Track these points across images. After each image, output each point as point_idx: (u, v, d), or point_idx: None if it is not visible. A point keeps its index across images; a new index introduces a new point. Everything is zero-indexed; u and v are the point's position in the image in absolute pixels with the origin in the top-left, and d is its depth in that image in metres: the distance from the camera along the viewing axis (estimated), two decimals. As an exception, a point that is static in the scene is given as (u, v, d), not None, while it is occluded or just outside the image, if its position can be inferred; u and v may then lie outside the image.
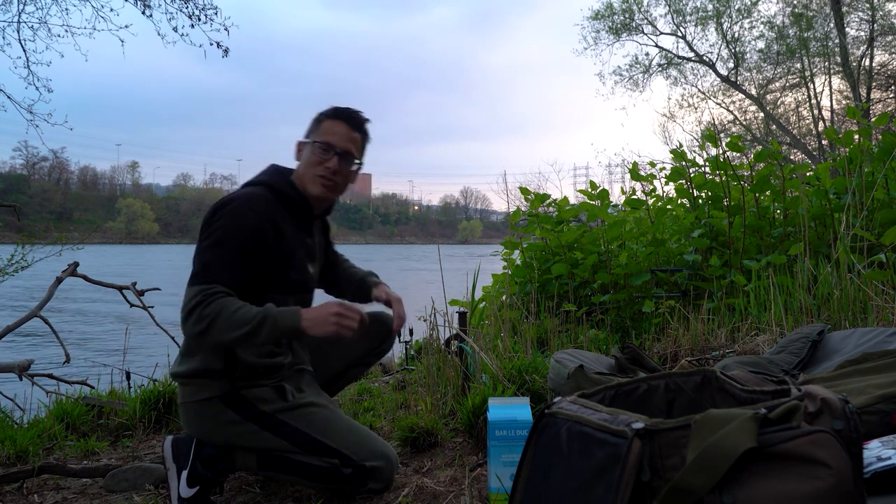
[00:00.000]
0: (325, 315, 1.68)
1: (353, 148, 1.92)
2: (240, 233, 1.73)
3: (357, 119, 1.94)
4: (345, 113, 1.93)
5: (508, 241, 4.74)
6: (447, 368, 2.69)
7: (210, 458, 1.79)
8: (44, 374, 3.70)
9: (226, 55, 8.97)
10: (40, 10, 9.31)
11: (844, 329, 2.50)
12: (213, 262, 1.70)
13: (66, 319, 12.57)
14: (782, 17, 20.06)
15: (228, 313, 1.64)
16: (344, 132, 1.90)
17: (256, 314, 1.65)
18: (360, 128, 1.94)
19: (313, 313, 1.69)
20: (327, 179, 1.88)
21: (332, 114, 1.92)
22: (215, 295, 1.66)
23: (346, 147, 1.89)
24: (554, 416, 1.03)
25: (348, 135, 1.90)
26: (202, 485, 1.77)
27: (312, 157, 1.88)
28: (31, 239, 6.23)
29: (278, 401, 1.82)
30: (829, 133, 4.98)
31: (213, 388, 1.79)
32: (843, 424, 0.88)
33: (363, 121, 1.96)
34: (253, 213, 1.76)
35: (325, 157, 1.87)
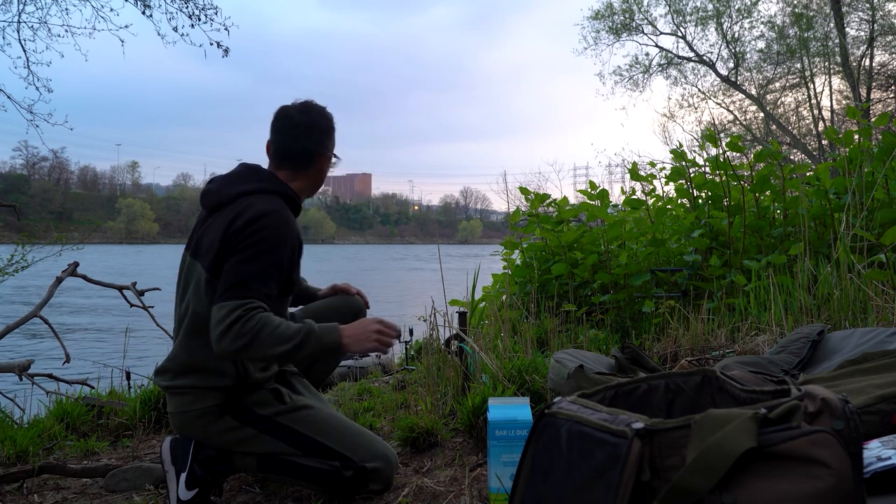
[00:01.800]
0: (366, 332, 1.70)
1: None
2: (279, 249, 1.73)
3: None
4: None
5: (508, 241, 4.74)
6: (447, 368, 2.69)
7: (209, 460, 1.79)
8: (44, 374, 3.70)
9: (226, 55, 8.97)
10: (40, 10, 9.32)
11: (844, 329, 2.50)
12: (253, 277, 1.67)
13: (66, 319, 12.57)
14: (782, 17, 20.08)
15: (270, 329, 1.63)
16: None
17: (299, 330, 1.65)
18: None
19: (353, 330, 1.71)
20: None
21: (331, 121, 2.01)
22: (256, 310, 1.64)
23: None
24: (554, 416, 1.03)
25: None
26: (201, 487, 1.76)
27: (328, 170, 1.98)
28: (31, 239, 6.23)
29: (276, 404, 1.81)
30: (829, 133, 4.98)
31: (213, 398, 1.77)
32: (843, 424, 0.88)
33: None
34: (290, 229, 1.78)
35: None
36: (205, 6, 8.83)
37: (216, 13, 8.85)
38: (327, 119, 1.95)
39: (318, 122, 1.93)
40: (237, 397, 1.79)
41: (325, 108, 1.96)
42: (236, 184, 1.85)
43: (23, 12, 8.79)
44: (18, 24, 8.80)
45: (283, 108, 1.92)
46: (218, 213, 1.81)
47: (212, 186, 1.88)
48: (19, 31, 8.83)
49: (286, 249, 1.75)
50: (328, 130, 1.95)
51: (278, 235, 1.73)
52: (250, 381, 1.80)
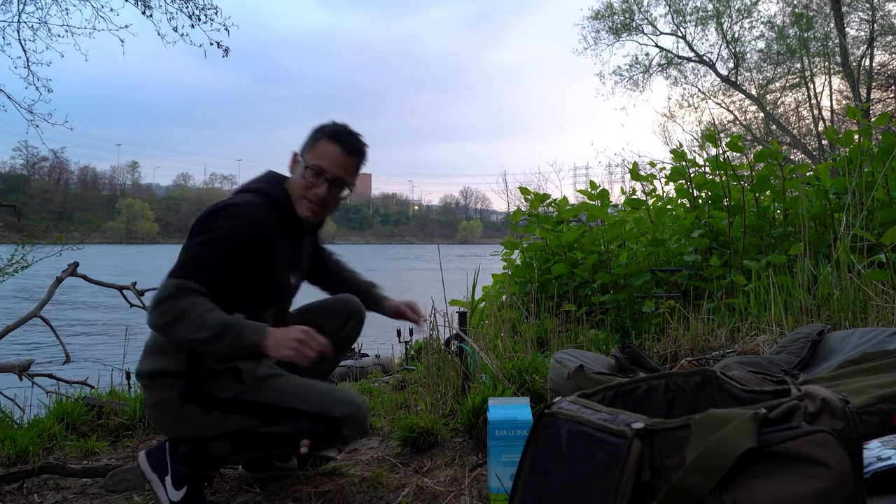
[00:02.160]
0: (287, 339, 1.64)
1: (346, 175, 1.88)
2: (229, 239, 1.71)
3: (354, 144, 1.88)
4: (342, 136, 1.87)
5: (508, 241, 4.74)
6: (447, 368, 2.69)
7: (187, 456, 1.78)
8: (44, 374, 3.70)
9: (226, 55, 8.98)
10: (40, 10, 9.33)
11: (844, 329, 2.50)
12: (195, 261, 1.68)
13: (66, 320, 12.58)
14: (782, 17, 20.09)
15: (197, 312, 1.61)
16: (338, 157, 1.85)
17: (224, 322, 1.62)
18: (356, 153, 1.89)
19: (278, 335, 1.65)
20: (314, 205, 1.86)
21: (330, 134, 1.87)
22: (189, 292, 1.63)
23: (337, 175, 1.85)
24: (554, 416, 1.03)
25: (342, 160, 1.85)
26: (189, 483, 1.76)
27: (303, 180, 1.85)
28: (31, 239, 6.24)
29: (235, 384, 1.78)
30: (829, 133, 4.98)
31: (172, 388, 1.76)
32: (843, 424, 0.88)
33: (361, 146, 1.90)
34: (248, 223, 1.75)
35: (316, 181, 1.84)
36: (205, 6, 8.84)
37: (216, 13, 8.86)
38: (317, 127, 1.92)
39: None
40: (196, 384, 1.76)
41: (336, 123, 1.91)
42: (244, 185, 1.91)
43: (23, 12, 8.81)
44: (18, 24, 8.81)
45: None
46: None
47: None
48: (19, 31, 8.84)
49: (238, 242, 1.72)
50: (311, 135, 1.90)
51: (231, 227, 1.72)
52: (205, 368, 1.76)
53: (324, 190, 1.84)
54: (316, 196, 1.84)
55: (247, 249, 1.75)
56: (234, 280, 1.74)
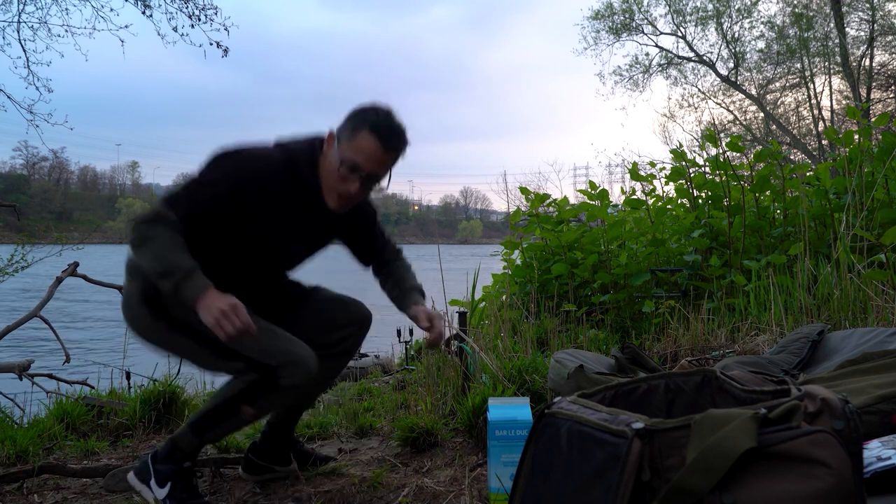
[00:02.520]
0: (214, 307, 1.58)
1: (381, 170, 1.78)
2: (226, 183, 1.70)
3: (395, 141, 1.77)
4: (383, 130, 1.74)
5: (508, 241, 4.74)
6: (447, 368, 2.69)
7: (162, 456, 1.80)
8: (44, 374, 3.70)
9: (226, 55, 8.98)
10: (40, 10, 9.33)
11: (844, 329, 2.50)
12: (186, 194, 1.69)
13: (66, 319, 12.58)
14: (782, 17, 20.09)
15: (158, 244, 1.62)
16: (376, 154, 1.73)
17: (174, 264, 1.60)
18: (396, 149, 1.78)
19: (211, 299, 1.59)
20: (344, 199, 1.79)
21: (372, 126, 1.74)
22: (163, 221, 1.64)
23: (373, 171, 1.76)
24: (554, 416, 1.03)
25: (380, 157, 1.75)
26: (171, 479, 1.77)
27: (337, 171, 1.76)
28: (31, 239, 6.24)
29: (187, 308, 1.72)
30: (829, 133, 4.98)
31: (139, 286, 1.76)
32: (843, 424, 0.88)
33: (402, 143, 1.79)
34: (252, 172, 1.72)
35: (349, 177, 1.75)
36: (205, 6, 8.85)
37: (216, 13, 8.87)
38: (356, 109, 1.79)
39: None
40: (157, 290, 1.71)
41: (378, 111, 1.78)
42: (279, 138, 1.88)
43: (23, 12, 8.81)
44: (18, 24, 8.82)
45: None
46: None
47: None
48: (19, 31, 8.85)
49: (233, 188, 1.70)
50: (350, 120, 1.77)
51: (216, 168, 1.71)
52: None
53: (356, 187, 1.76)
54: (347, 192, 1.77)
55: (242, 198, 1.72)
56: (222, 227, 1.73)
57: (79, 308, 15.18)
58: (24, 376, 3.55)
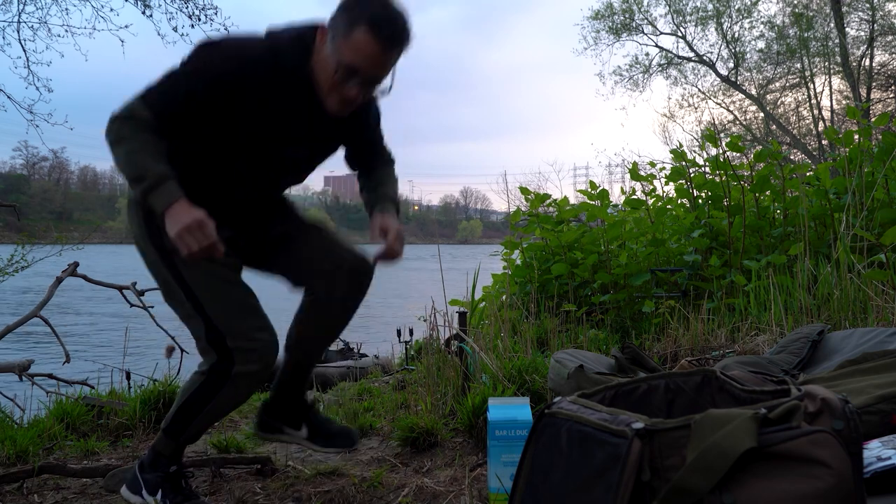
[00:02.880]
0: (180, 221, 1.45)
1: (384, 71, 1.59)
2: (204, 78, 1.55)
3: (398, 38, 1.55)
4: (385, 26, 1.52)
5: (508, 241, 4.74)
6: (447, 368, 2.69)
7: (147, 464, 1.76)
8: (44, 374, 3.71)
9: (226, 55, 8.96)
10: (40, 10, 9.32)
11: (844, 329, 2.50)
12: (160, 87, 1.55)
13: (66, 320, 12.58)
14: (782, 17, 20.08)
15: (130, 146, 1.51)
16: (376, 54, 1.52)
17: (144, 169, 1.49)
18: (398, 47, 1.57)
19: (178, 212, 1.47)
20: (343, 104, 1.62)
21: (370, 21, 1.50)
22: (136, 120, 1.52)
23: (373, 74, 1.57)
24: (554, 416, 1.03)
25: (381, 57, 1.54)
26: (161, 485, 1.73)
27: (332, 74, 1.56)
28: (31, 239, 6.25)
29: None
30: (829, 133, 4.98)
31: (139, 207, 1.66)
32: (843, 424, 0.88)
33: (405, 38, 1.57)
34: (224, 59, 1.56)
35: (347, 81, 1.56)
36: (205, 6, 8.86)
37: (216, 13, 8.88)
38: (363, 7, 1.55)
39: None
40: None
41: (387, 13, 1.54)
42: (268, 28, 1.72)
43: (23, 12, 8.82)
44: (18, 24, 8.82)
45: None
46: None
47: None
48: (19, 31, 8.85)
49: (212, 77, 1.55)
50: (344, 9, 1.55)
51: (194, 58, 1.56)
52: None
53: (356, 92, 1.58)
54: (346, 96, 1.59)
55: (223, 89, 1.56)
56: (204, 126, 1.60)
57: (79, 308, 15.18)
58: (24, 376, 3.56)
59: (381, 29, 1.51)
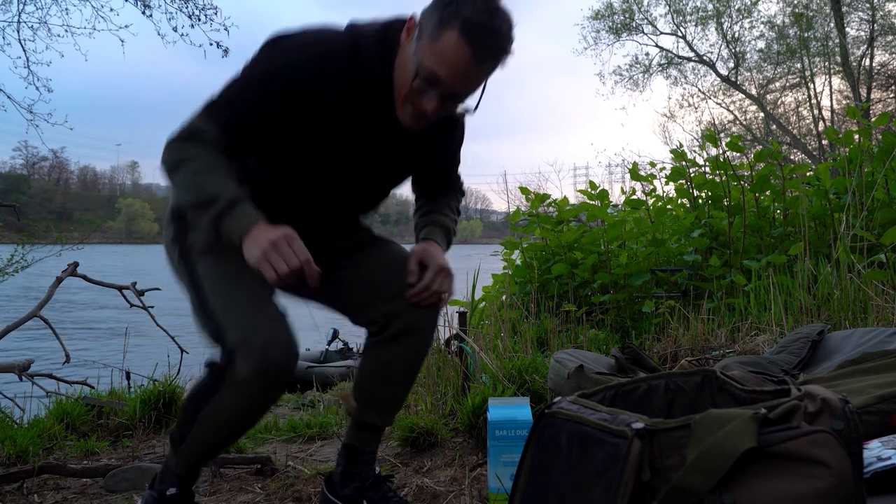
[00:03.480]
0: (261, 240, 1.25)
1: (468, 88, 1.36)
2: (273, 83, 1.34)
3: (493, 51, 1.32)
4: (480, 35, 1.27)
5: (508, 241, 4.74)
6: (447, 368, 2.69)
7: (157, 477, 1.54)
8: (44, 374, 3.70)
9: (226, 55, 8.99)
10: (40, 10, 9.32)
11: (844, 329, 2.50)
12: (223, 97, 1.36)
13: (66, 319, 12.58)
14: (782, 17, 20.09)
15: (194, 167, 1.31)
16: (464, 64, 1.29)
17: (214, 192, 1.29)
18: (492, 61, 1.34)
19: (260, 232, 1.27)
20: (416, 118, 1.41)
21: (465, 25, 1.27)
22: (199, 137, 1.33)
23: (457, 87, 1.34)
24: (554, 416, 1.03)
25: (469, 69, 1.30)
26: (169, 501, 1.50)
27: (410, 80, 1.35)
28: (31, 239, 6.25)
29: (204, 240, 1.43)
30: (829, 133, 4.98)
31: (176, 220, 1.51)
32: (843, 424, 0.88)
33: (503, 53, 1.34)
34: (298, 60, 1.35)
35: (426, 90, 1.34)
36: (205, 6, 8.87)
37: (216, 13, 8.88)
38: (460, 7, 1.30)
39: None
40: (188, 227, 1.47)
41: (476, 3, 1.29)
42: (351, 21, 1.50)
43: (23, 12, 8.82)
44: (18, 24, 8.83)
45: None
46: None
47: None
48: (19, 31, 8.86)
49: (262, 77, 1.35)
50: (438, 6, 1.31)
51: (262, 60, 1.37)
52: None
53: (433, 105, 1.35)
54: (422, 109, 1.37)
55: (297, 97, 1.36)
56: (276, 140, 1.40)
57: (79, 308, 15.18)
58: (24, 376, 3.55)
59: (476, 35, 1.27)
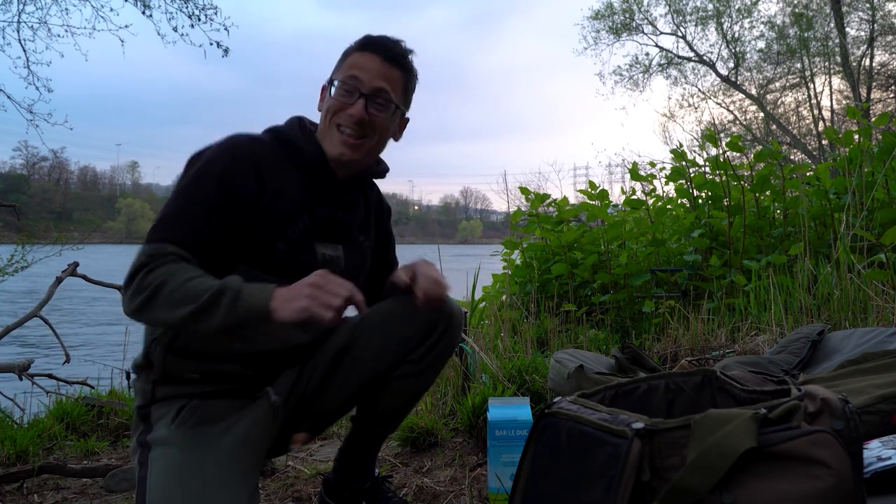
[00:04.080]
0: (297, 289, 1.18)
1: (389, 87, 1.41)
2: (209, 180, 1.30)
3: (395, 50, 1.43)
4: (378, 42, 1.42)
5: (508, 241, 4.74)
6: (447, 368, 2.69)
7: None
8: (44, 374, 3.70)
9: (226, 55, 9.00)
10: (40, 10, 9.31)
11: (844, 329, 2.50)
12: (168, 217, 1.28)
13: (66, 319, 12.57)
14: (782, 17, 20.09)
15: (176, 283, 1.20)
16: (375, 67, 1.40)
17: (213, 288, 1.19)
18: (399, 61, 1.44)
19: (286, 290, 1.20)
20: (350, 131, 1.39)
21: (362, 44, 1.43)
22: (165, 258, 1.23)
23: (376, 85, 1.39)
24: (554, 415, 1.03)
25: (381, 70, 1.40)
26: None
27: (332, 102, 1.40)
28: (31, 239, 6.24)
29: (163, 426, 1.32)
30: (829, 133, 4.98)
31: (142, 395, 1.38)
32: (843, 424, 0.88)
33: (404, 52, 1.45)
34: (230, 157, 1.33)
35: (348, 100, 1.39)
36: (205, 6, 8.86)
37: (216, 13, 8.88)
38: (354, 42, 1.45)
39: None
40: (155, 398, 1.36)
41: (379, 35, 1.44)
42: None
43: (23, 12, 8.81)
44: (18, 24, 8.82)
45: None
46: None
47: None
48: (19, 31, 8.85)
49: (219, 181, 1.30)
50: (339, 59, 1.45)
51: (210, 166, 1.31)
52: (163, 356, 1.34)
53: (359, 108, 1.38)
54: (349, 119, 1.39)
55: (232, 191, 1.31)
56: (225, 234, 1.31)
57: (79, 308, 15.18)
58: (24, 376, 3.55)
59: (375, 43, 1.42)
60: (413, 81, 1.49)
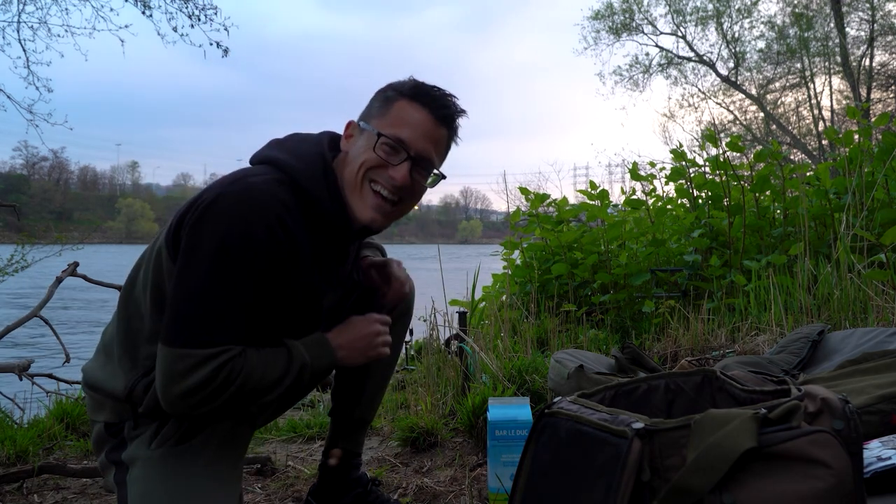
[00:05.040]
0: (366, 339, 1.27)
1: (435, 152, 1.30)
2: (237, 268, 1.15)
3: (449, 109, 1.30)
4: (431, 95, 1.27)
5: (508, 241, 4.74)
6: (447, 368, 2.69)
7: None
8: (44, 374, 3.70)
9: (226, 55, 9.00)
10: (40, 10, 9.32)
11: (844, 329, 2.50)
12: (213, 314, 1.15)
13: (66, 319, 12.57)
14: (782, 17, 20.11)
15: (259, 376, 1.19)
16: (425, 126, 1.26)
17: (288, 367, 1.22)
18: (450, 122, 1.31)
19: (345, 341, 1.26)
20: (387, 194, 1.26)
21: (413, 93, 1.27)
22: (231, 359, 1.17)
23: (424, 149, 1.26)
24: (554, 415, 1.03)
25: (431, 131, 1.27)
26: None
27: (370, 156, 1.24)
28: (31, 239, 6.24)
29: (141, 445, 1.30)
30: (829, 133, 4.98)
31: (107, 412, 1.33)
32: (843, 424, 0.88)
33: (457, 112, 1.32)
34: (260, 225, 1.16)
35: (391, 160, 1.25)
36: (205, 6, 8.87)
37: (216, 13, 8.88)
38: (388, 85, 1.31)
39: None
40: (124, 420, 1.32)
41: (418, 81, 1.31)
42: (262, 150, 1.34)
43: (23, 12, 8.82)
44: (18, 24, 8.83)
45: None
46: None
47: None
48: (19, 31, 8.86)
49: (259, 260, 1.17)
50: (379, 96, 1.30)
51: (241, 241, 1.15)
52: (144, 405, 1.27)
53: (403, 172, 1.24)
54: (391, 182, 1.24)
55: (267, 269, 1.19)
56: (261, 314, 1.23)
57: (79, 308, 15.17)
58: (24, 376, 3.55)
59: (429, 99, 1.27)
60: (454, 143, 1.36)
